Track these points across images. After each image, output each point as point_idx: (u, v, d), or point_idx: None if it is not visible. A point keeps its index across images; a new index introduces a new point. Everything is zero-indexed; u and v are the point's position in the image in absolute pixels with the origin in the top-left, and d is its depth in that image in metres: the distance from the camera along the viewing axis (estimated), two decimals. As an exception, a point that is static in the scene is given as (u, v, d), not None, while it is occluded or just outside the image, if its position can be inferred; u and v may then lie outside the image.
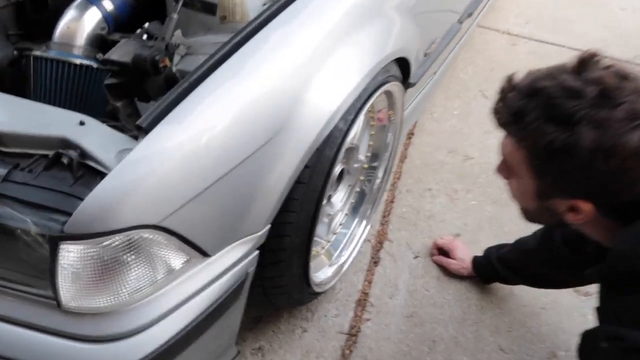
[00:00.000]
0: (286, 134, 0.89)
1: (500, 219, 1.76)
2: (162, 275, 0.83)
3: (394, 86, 1.22)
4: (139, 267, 0.79)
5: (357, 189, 1.48)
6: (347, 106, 1.00)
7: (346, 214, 1.48)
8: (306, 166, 0.95)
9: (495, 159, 0.95)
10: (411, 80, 1.46)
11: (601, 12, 3.09)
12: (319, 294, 1.35)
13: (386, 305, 1.48)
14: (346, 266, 1.45)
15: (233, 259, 0.91)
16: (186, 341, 0.86)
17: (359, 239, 1.49)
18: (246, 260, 0.94)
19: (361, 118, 1.09)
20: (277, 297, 1.20)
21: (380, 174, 1.48)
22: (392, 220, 1.72)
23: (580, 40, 2.79)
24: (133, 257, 0.78)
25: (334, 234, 1.45)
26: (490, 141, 2.05)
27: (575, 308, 1.50)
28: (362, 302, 1.48)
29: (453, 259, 1.54)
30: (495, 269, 1.42)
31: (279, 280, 1.10)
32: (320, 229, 1.38)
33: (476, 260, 1.50)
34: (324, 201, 1.09)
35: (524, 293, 1.54)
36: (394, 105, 1.31)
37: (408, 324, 1.44)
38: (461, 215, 1.77)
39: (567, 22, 2.97)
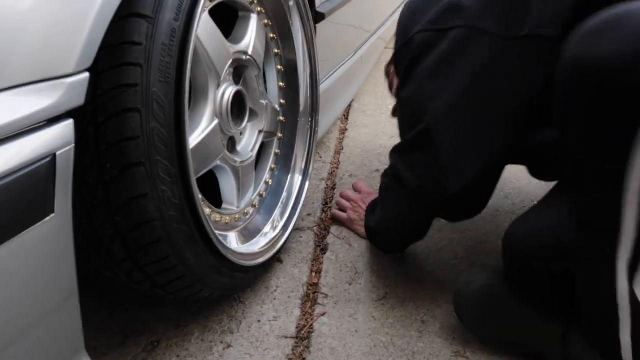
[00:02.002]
0: None
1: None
2: None
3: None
4: None
5: (279, 135, 1.11)
6: None
7: (272, 168, 1.09)
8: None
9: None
10: (318, 8, 1.19)
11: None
12: (248, 269, 0.90)
13: (346, 293, 1.02)
14: (287, 233, 1.04)
15: (10, 115, 0.49)
16: None
17: (297, 197, 1.09)
18: (46, 131, 0.52)
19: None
20: (173, 281, 0.74)
21: (302, 100, 1.12)
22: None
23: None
24: None
25: (260, 195, 1.04)
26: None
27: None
28: (311, 296, 1.02)
29: None
30: None
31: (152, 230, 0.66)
32: (228, 189, 0.97)
33: None
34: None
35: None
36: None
37: (382, 309, 0.98)
38: (422, 187, 1.40)
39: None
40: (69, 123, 0.54)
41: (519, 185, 1.39)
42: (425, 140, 0.82)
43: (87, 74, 0.55)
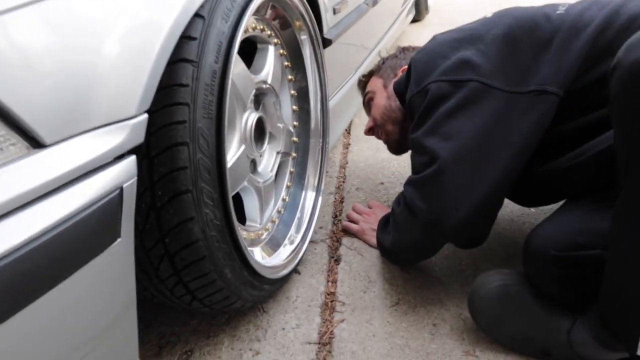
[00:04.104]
0: None
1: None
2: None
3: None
4: None
5: (294, 154, 1.19)
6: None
7: (288, 186, 1.17)
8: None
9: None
10: (325, 34, 1.28)
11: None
12: (274, 282, 0.98)
13: (362, 301, 1.10)
14: (304, 246, 1.14)
15: (88, 155, 0.57)
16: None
17: (312, 212, 1.17)
18: (115, 167, 0.60)
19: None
20: (211, 294, 0.82)
21: (313, 121, 1.21)
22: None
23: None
24: None
25: (278, 211, 1.12)
26: (433, 135, 1.87)
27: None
28: (329, 305, 1.10)
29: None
30: None
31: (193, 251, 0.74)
32: (251, 207, 1.05)
33: None
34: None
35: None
36: (298, 17, 1.09)
37: (395, 314, 1.06)
38: (424, 198, 1.48)
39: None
40: (132, 159, 0.62)
41: (515, 194, 1.48)
42: (437, 178, 0.91)
43: (146, 115, 0.63)
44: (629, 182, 0.69)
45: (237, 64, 0.86)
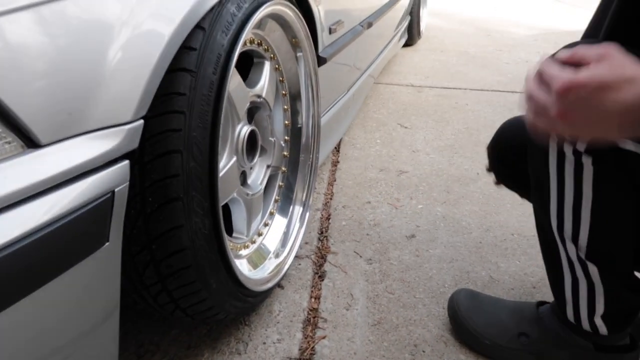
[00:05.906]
0: None
1: (454, 215, 1.52)
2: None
3: (286, 8, 1.01)
4: None
5: (283, 169, 1.19)
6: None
7: (276, 200, 1.17)
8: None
9: (429, 170, 1.04)
10: (320, 53, 1.30)
11: (490, 66, 3.33)
12: (258, 294, 0.98)
13: (344, 318, 1.10)
14: (290, 260, 1.14)
15: (82, 157, 0.57)
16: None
17: (298, 227, 1.17)
18: (108, 170, 0.60)
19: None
20: (195, 304, 0.82)
21: (304, 137, 1.22)
22: (332, 235, 1.41)
23: (479, 83, 2.92)
24: None
25: (266, 224, 1.12)
26: (420, 157, 1.90)
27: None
28: (311, 320, 1.10)
29: None
30: None
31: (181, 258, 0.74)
32: (239, 219, 1.05)
33: None
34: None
35: (506, 277, 1.25)
36: (295, 34, 1.10)
37: (377, 333, 1.06)
38: (411, 219, 1.50)
39: (462, 74, 3.13)
40: (126, 163, 0.63)
41: (499, 218, 1.50)
42: None
43: (142, 121, 0.64)
44: None
45: (233, 77, 0.87)
